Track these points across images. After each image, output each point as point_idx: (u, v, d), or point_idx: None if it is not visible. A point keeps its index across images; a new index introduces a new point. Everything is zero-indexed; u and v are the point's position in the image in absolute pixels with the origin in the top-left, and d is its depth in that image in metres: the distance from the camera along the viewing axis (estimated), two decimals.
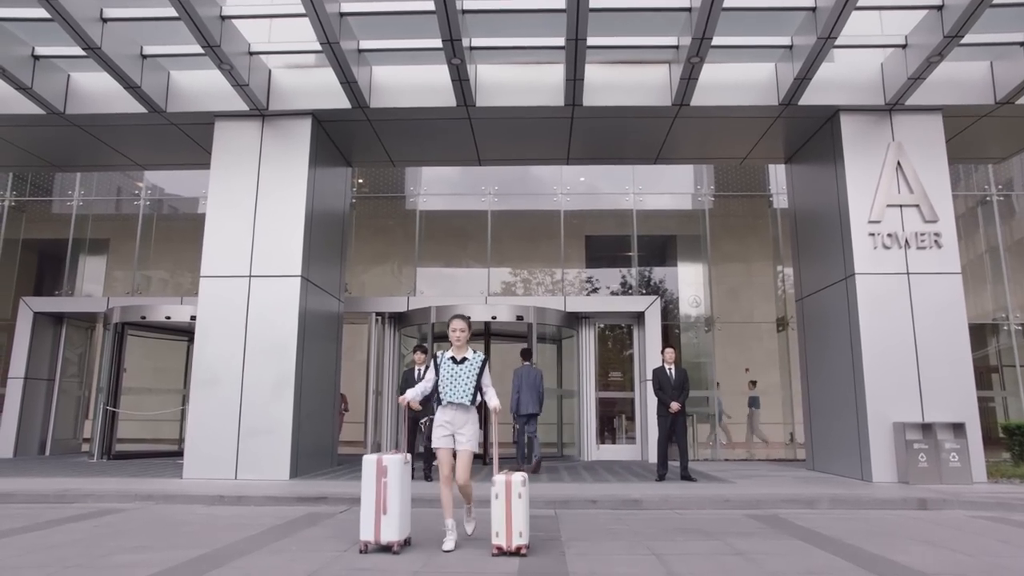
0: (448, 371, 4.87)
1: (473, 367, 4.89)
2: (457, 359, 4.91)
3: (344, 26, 8.17)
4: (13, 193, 14.79)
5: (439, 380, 4.87)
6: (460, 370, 4.86)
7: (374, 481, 4.66)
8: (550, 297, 13.60)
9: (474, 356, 4.95)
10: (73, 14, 7.50)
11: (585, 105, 9.30)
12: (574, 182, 14.57)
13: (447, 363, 4.91)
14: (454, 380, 4.83)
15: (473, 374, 4.86)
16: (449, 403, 4.82)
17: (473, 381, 4.85)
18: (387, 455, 4.76)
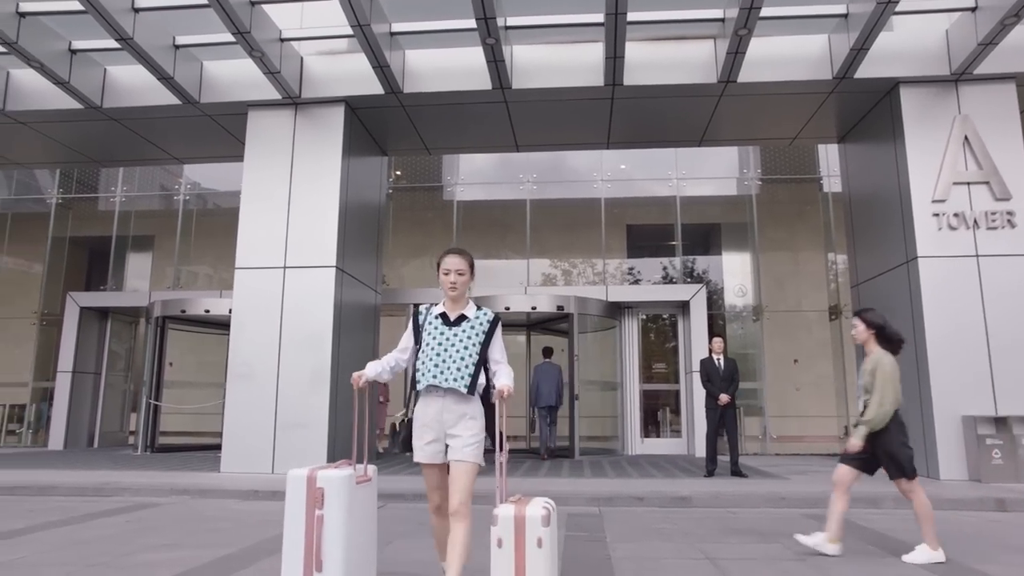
0: (435, 337, 3.19)
1: (475, 332, 3.19)
2: (450, 318, 3.22)
3: (375, 8, 7.94)
4: (60, 191, 15.04)
5: (420, 351, 3.21)
6: (454, 336, 3.17)
7: (302, 516, 3.02)
8: (591, 287, 13.24)
9: (478, 315, 3.26)
10: (105, 5, 7.44)
11: (626, 84, 8.90)
12: (614, 169, 14.15)
13: (434, 324, 3.22)
14: (444, 352, 3.14)
15: (475, 342, 3.17)
16: (433, 388, 3.10)
17: (474, 354, 3.15)
18: (327, 469, 3.11)
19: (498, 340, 3.29)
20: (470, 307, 3.30)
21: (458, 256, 3.25)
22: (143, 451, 11.86)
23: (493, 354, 3.24)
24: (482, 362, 3.19)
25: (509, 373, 3.20)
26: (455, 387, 3.08)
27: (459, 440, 3.07)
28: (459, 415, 3.10)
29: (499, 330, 3.30)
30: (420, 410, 3.15)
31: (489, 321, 3.27)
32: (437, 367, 3.11)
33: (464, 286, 3.23)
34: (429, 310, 3.32)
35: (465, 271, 3.23)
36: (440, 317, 3.25)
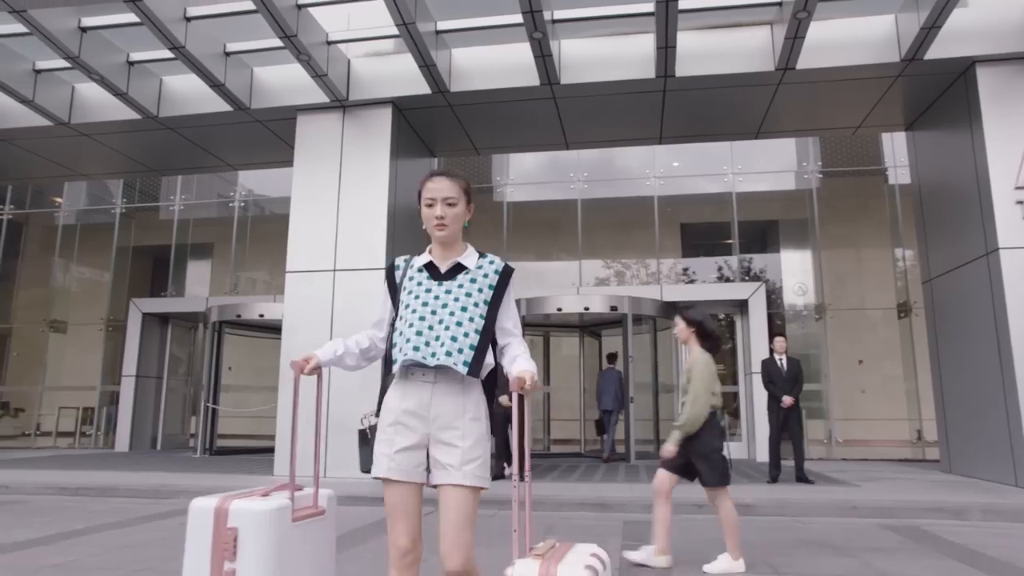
0: (418, 296, 2.26)
1: (478, 287, 2.26)
2: (440, 269, 2.31)
3: (420, 6, 7.86)
4: (124, 201, 15.54)
5: (398, 315, 2.29)
6: (447, 294, 2.25)
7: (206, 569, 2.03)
8: (645, 287, 12.91)
9: (481, 264, 2.32)
10: (159, 15, 7.57)
11: (678, 76, 8.60)
12: (667, 166, 13.79)
13: (416, 279, 2.31)
14: (432, 316, 2.21)
15: (477, 302, 2.24)
16: (414, 368, 2.19)
17: (477, 317, 2.21)
18: (247, 499, 2.16)
19: (510, 302, 2.33)
20: (469, 254, 2.34)
21: (445, 179, 2.30)
22: (202, 454, 12.10)
23: (504, 321, 2.29)
24: (490, 331, 2.23)
25: (527, 353, 2.27)
26: (449, 364, 2.11)
27: (454, 452, 2.09)
28: (455, 410, 2.14)
29: (512, 284, 2.36)
30: (392, 400, 2.18)
31: (498, 272, 2.31)
32: (421, 336, 2.16)
33: (457, 222, 2.29)
34: (410, 262, 2.38)
35: (457, 200, 2.28)
36: (425, 269, 2.32)
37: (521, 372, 2.10)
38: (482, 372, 2.23)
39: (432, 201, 2.30)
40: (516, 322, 2.36)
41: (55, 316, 15.46)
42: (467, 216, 2.37)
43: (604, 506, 6.34)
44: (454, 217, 2.30)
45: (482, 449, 2.17)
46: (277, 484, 2.31)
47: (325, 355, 2.31)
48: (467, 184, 2.39)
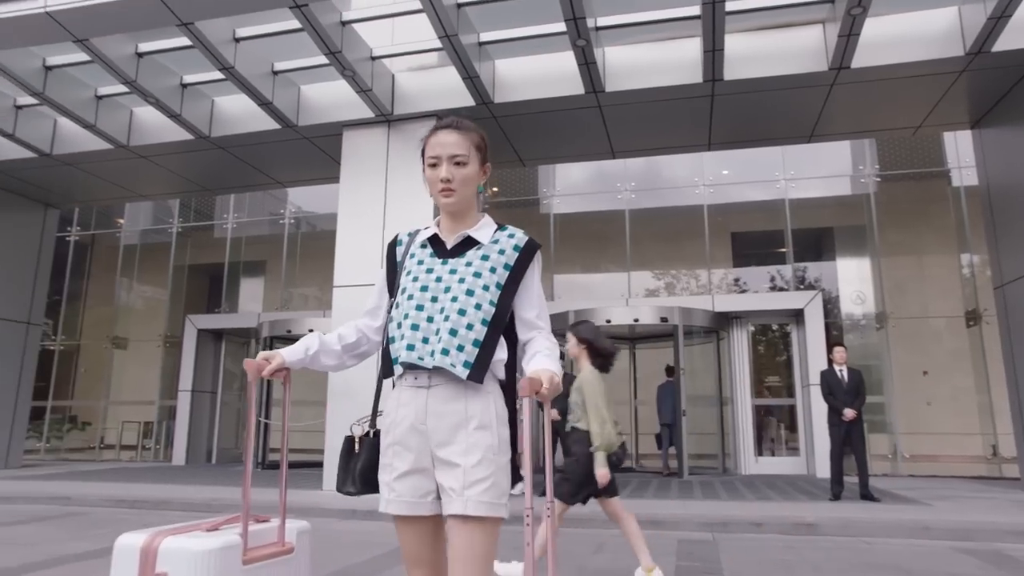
0: (418, 277, 1.86)
1: (491, 265, 1.84)
2: (447, 244, 1.90)
3: (462, 18, 7.86)
4: (180, 220, 16.02)
5: (395, 303, 1.89)
6: (452, 274, 1.84)
7: None
8: (696, 297, 12.60)
9: (497, 237, 1.89)
10: (209, 37, 7.76)
11: (726, 79, 8.38)
12: (716, 174, 13.49)
13: (418, 257, 1.92)
14: (431, 303, 1.81)
15: (488, 284, 1.81)
16: (411, 370, 1.80)
17: (487, 303, 1.80)
18: (179, 536, 1.78)
19: (533, 286, 1.86)
20: (483, 225, 1.90)
21: (452, 132, 1.84)
22: (254, 468, 12.25)
23: (525, 310, 1.85)
24: (502, 322, 1.80)
25: (553, 351, 1.82)
26: (444, 365, 1.73)
27: (454, 473, 1.70)
28: (455, 420, 1.73)
29: (538, 266, 1.88)
30: (390, 413, 1.82)
31: (518, 247, 1.86)
32: (418, 330, 1.77)
33: (468, 186, 1.84)
34: (414, 236, 1.97)
35: (467, 157, 1.82)
36: (429, 244, 1.91)
37: (536, 372, 1.68)
38: (494, 374, 1.80)
39: (436, 160, 1.84)
40: (542, 312, 1.88)
41: (117, 333, 15.99)
42: (482, 179, 1.89)
43: (657, 523, 6.12)
44: (464, 180, 1.83)
45: (492, 467, 1.70)
46: (231, 517, 1.87)
47: (293, 354, 1.92)
48: (481, 137, 1.90)
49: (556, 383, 1.68)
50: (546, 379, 1.66)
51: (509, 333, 1.88)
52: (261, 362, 1.90)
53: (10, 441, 12.15)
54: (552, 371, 1.70)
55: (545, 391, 1.65)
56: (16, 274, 12.27)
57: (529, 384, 1.64)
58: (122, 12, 7.33)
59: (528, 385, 1.64)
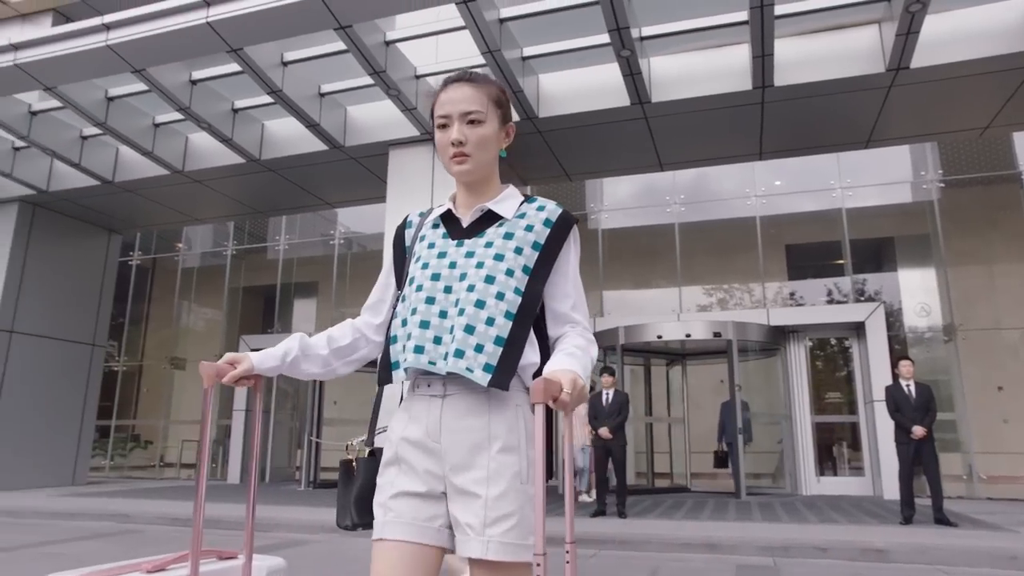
0: (428, 262, 1.57)
1: (516, 244, 1.52)
2: (463, 222, 1.60)
3: (505, 34, 7.85)
4: (234, 243, 16.44)
5: (400, 296, 1.61)
6: (468, 258, 1.53)
7: None
8: (750, 310, 12.22)
9: (525, 211, 1.58)
10: (258, 62, 7.94)
11: (777, 85, 8.13)
12: (769, 184, 13.13)
13: (428, 238, 1.62)
14: (443, 293, 1.51)
15: (513, 267, 1.50)
16: (420, 377, 1.53)
17: (512, 291, 1.48)
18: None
19: (569, 271, 1.56)
20: (506, 196, 1.60)
21: (465, 86, 1.56)
22: (306, 487, 12.35)
23: (557, 300, 1.54)
24: (530, 315, 1.50)
25: (584, 350, 1.49)
26: (459, 371, 1.43)
27: (473, 506, 1.40)
28: (475, 439, 1.45)
29: (574, 245, 1.58)
30: (395, 427, 1.55)
31: (550, 222, 1.55)
32: (428, 327, 1.48)
33: (486, 150, 1.55)
34: (426, 216, 1.68)
35: (483, 115, 1.54)
36: (442, 223, 1.62)
37: (554, 373, 1.33)
38: (523, 381, 1.49)
39: (446, 120, 1.54)
40: (578, 303, 1.55)
41: (177, 354, 16.45)
42: (504, 141, 1.59)
43: (713, 547, 5.85)
44: (480, 141, 1.53)
45: (520, 500, 1.39)
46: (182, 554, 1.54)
47: (266, 359, 1.61)
48: (500, 91, 1.59)
49: (580, 388, 1.32)
50: (567, 382, 1.29)
51: (541, 330, 1.56)
52: (223, 366, 1.59)
53: (76, 459, 12.55)
54: (574, 372, 1.34)
55: (566, 397, 1.28)
56: (82, 298, 12.74)
57: (544, 388, 1.25)
58: (176, 41, 7.57)
59: (542, 389, 1.24)
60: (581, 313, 1.57)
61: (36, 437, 11.78)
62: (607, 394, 8.55)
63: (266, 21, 7.19)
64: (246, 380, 1.64)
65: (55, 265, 12.24)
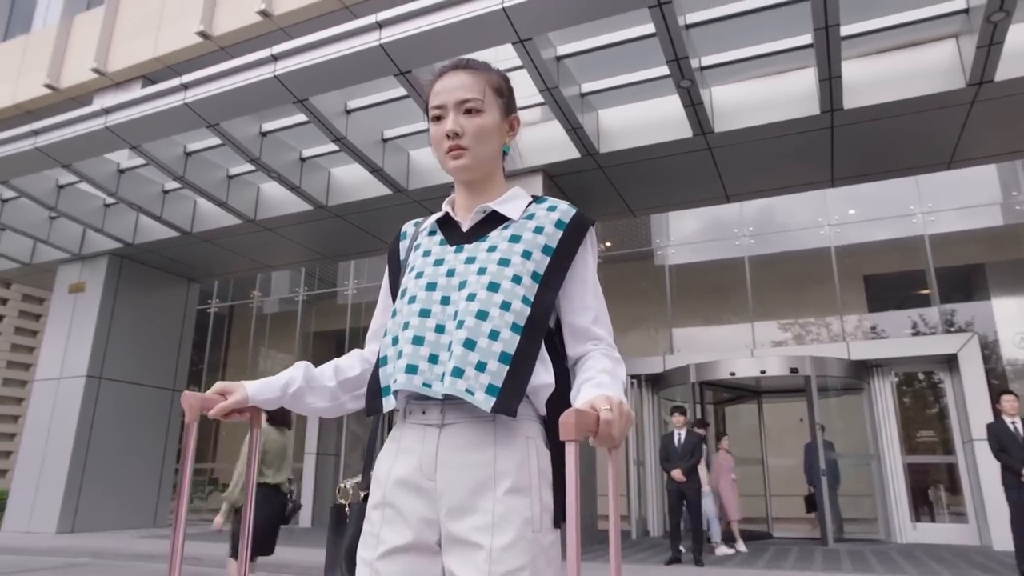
0: (422, 271, 1.39)
1: (523, 248, 1.34)
2: (462, 226, 1.43)
3: (563, 71, 7.86)
4: (305, 289, 16.90)
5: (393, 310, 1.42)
6: (468, 264, 1.35)
7: None
8: (829, 345, 11.63)
9: (533, 214, 1.41)
10: (323, 111, 8.20)
11: (847, 109, 7.82)
12: (842, 212, 12.60)
13: (424, 246, 1.45)
14: (438, 305, 1.33)
15: (521, 275, 1.31)
16: (413, 402, 1.33)
17: (519, 300, 1.29)
18: None
19: (588, 276, 1.39)
20: (511, 197, 1.45)
21: (462, 73, 1.42)
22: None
23: (575, 313, 1.36)
24: (542, 327, 1.31)
25: (616, 373, 1.29)
26: (457, 392, 1.24)
27: (475, 558, 1.20)
28: (477, 477, 1.24)
29: (592, 250, 1.42)
30: (383, 463, 1.34)
31: (563, 223, 1.39)
32: (422, 343, 1.30)
33: (487, 142, 1.40)
34: (421, 225, 1.53)
35: (481, 103, 1.39)
36: (439, 229, 1.46)
37: (591, 403, 1.11)
38: (536, 408, 1.28)
39: (441, 110, 1.40)
40: (600, 316, 1.35)
41: None
42: (508, 135, 1.45)
43: None
44: (479, 132, 1.37)
45: (531, 552, 1.18)
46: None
47: (262, 389, 1.43)
48: (501, 78, 1.44)
49: (625, 414, 1.09)
50: (606, 411, 1.07)
51: (554, 347, 1.35)
52: (210, 397, 1.39)
53: (157, 501, 12.92)
54: (611, 402, 1.10)
55: (612, 433, 1.06)
56: (164, 345, 13.27)
57: (576, 421, 1.02)
58: (246, 96, 7.92)
59: (574, 423, 1.01)
60: (604, 327, 1.37)
61: (121, 479, 12.20)
62: (679, 434, 8.21)
63: (329, 71, 7.43)
64: (238, 413, 1.44)
65: (140, 314, 12.83)
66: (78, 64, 13.24)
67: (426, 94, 1.48)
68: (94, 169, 9.95)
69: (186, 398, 1.36)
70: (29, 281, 15.44)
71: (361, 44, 7.16)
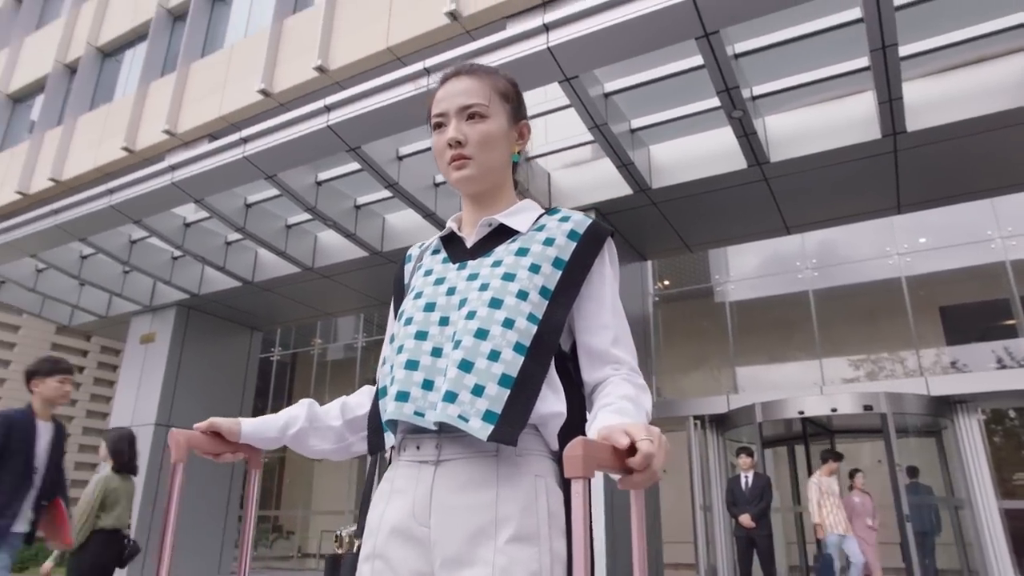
0: (422, 291, 1.29)
1: (530, 266, 1.21)
2: (468, 241, 1.33)
3: (611, 107, 7.83)
4: (364, 335, 17.12)
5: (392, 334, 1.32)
6: (469, 282, 1.23)
7: None
8: (905, 380, 10.99)
9: (544, 225, 1.30)
10: (376, 159, 8.38)
11: (910, 131, 7.50)
12: (912, 240, 12.04)
13: (426, 266, 1.35)
14: (436, 326, 1.20)
15: (527, 290, 1.17)
16: (408, 434, 1.20)
17: (523, 321, 1.14)
18: None
19: (606, 292, 1.26)
20: (521, 208, 1.35)
21: (465, 78, 1.32)
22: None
23: (592, 333, 1.23)
24: (550, 348, 1.17)
25: (640, 401, 1.14)
26: (449, 420, 1.10)
27: None
28: (479, 523, 1.08)
29: (610, 264, 1.29)
30: (376, 506, 1.21)
31: (576, 233, 1.26)
32: (416, 368, 1.18)
33: (494, 149, 1.30)
34: (425, 245, 1.44)
35: (486, 108, 1.29)
36: (443, 247, 1.36)
37: (607, 433, 0.94)
38: (545, 440, 1.14)
39: (443, 118, 1.30)
40: (620, 337, 1.22)
41: None
42: (518, 144, 1.34)
43: None
44: (483, 140, 1.27)
45: None
46: None
47: (261, 428, 1.33)
48: (508, 83, 1.33)
49: (665, 445, 0.93)
50: (646, 442, 0.90)
51: (568, 373, 1.20)
52: (199, 436, 1.26)
53: (222, 549, 13.04)
54: (652, 428, 0.95)
55: (653, 468, 0.90)
56: (228, 393, 13.58)
57: (584, 453, 0.84)
58: (302, 146, 8.17)
59: (582, 455, 0.84)
60: (625, 349, 1.23)
61: (187, 527, 12.37)
62: (746, 477, 7.82)
63: (380, 119, 7.59)
64: (231, 454, 1.32)
65: (205, 362, 13.18)
66: (152, 127, 14.00)
67: (428, 103, 1.37)
68: (163, 224, 10.38)
69: (173, 435, 1.24)
70: (106, 333, 16.13)
71: (408, 91, 7.30)
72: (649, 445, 0.90)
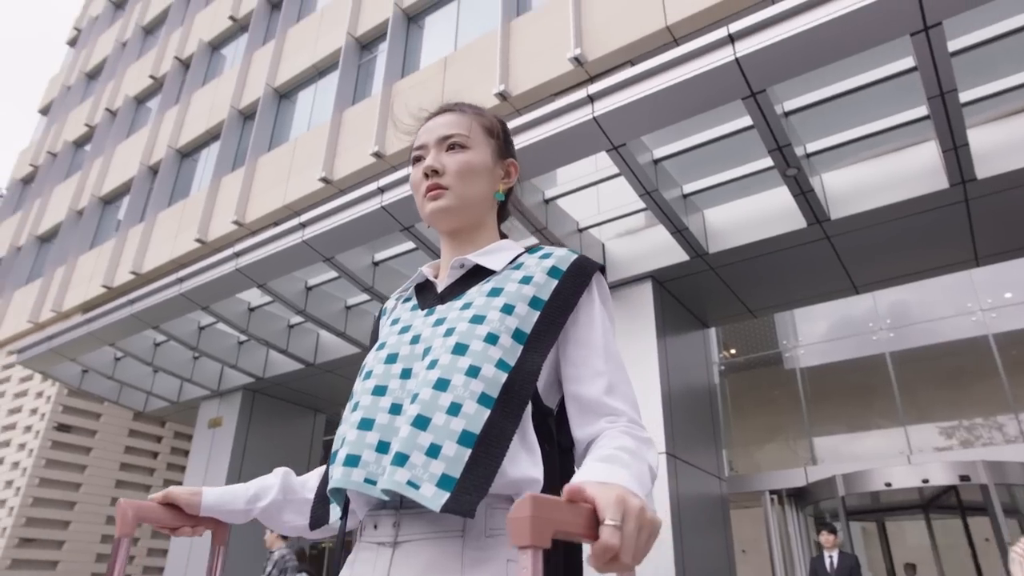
0: (385, 343, 1.14)
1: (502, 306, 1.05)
2: (439, 286, 1.21)
3: (661, 173, 7.78)
4: None
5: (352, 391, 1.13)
6: (435, 328, 1.08)
7: None
8: (1005, 447, 10.09)
9: (521, 263, 1.16)
10: (428, 236, 8.48)
11: (980, 179, 7.15)
12: (995, 294, 11.32)
13: (395, 314, 1.23)
14: (395, 379, 1.06)
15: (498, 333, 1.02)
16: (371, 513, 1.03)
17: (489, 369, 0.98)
18: None
19: (596, 333, 1.10)
20: (499, 248, 1.23)
21: (446, 113, 1.25)
22: None
23: (581, 382, 1.07)
24: (522, 399, 0.99)
25: (640, 453, 0.95)
26: (397, 488, 0.92)
27: None
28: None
29: (599, 304, 1.13)
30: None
31: (558, 270, 1.13)
32: (368, 427, 1.02)
33: (471, 180, 1.20)
34: (400, 295, 1.31)
35: (467, 139, 1.21)
36: (415, 294, 1.26)
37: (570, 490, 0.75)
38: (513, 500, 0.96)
39: (422, 150, 1.22)
40: (616, 382, 1.06)
41: None
42: (502, 181, 1.25)
43: None
44: (462, 170, 1.18)
45: None
46: None
47: (225, 499, 1.16)
48: (495, 121, 1.26)
49: (648, 523, 0.75)
50: (611, 522, 0.70)
51: (548, 432, 1.03)
52: (151, 506, 1.10)
53: None
54: (621, 488, 0.76)
55: (619, 554, 0.69)
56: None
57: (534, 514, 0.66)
58: (358, 227, 8.38)
59: (530, 516, 0.65)
60: (623, 399, 1.05)
61: None
62: (831, 557, 7.20)
63: None
64: (190, 528, 1.15)
65: (270, 445, 13.30)
66: (222, 219, 14.74)
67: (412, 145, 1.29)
68: (228, 309, 10.72)
69: (120, 507, 1.07)
70: (177, 418, 16.57)
71: None
72: (612, 534, 0.68)
